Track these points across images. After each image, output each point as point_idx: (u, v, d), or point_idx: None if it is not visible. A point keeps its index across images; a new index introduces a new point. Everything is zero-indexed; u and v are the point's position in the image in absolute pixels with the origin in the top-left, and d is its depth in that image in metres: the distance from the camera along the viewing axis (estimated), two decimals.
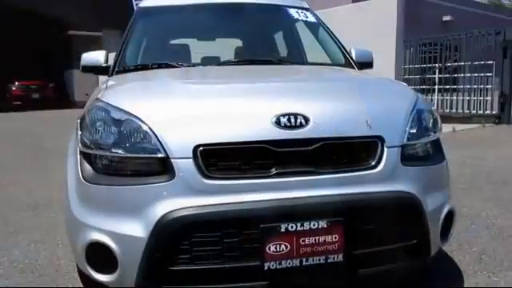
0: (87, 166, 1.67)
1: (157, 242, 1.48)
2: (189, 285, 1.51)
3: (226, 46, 2.93)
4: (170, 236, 1.48)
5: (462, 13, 21.48)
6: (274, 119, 1.56)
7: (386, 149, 1.64)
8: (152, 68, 2.44)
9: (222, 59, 2.71)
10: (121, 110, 1.64)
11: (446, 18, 19.67)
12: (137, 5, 3.96)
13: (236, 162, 1.54)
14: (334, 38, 2.91)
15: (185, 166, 1.51)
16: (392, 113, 1.73)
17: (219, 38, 3.02)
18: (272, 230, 1.49)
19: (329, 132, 1.59)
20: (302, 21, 2.99)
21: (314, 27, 3.00)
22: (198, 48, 2.85)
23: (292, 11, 3.03)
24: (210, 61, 2.56)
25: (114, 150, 1.60)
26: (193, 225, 1.48)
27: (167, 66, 2.44)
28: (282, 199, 1.52)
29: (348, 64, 2.71)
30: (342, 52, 2.80)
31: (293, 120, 1.56)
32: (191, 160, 1.51)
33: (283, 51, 3.10)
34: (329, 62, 2.74)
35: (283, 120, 1.56)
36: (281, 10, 3.02)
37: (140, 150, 1.57)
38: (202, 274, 1.51)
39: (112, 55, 2.66)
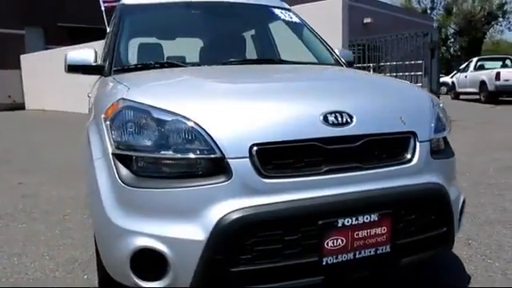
0: (125, 170, 1.58)
1: (217, 243, 1.45)
2: (248, 285, 1.50)
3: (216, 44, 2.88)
4: (231, 237, 1.45)
5: (380, 15, 22.97)
6: (322, 117, 1.59)
7: (418, 143, 1.74)
8: (155, 67, 2.34)
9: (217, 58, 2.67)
10: (164, 110, 1.57)
11: (367, 20, 20.73)
12: (105, 1, 3.77)
13: (289, 160, 1.55)
14: (319, 38, 3.00)
15: (242, 165, 1.49)
16: (419, 110, 1.84)
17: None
18: (330, 226, 1.52)
19: (371, 129, 1.65)
20: (290, 21, 3.04)
21: (300, 28, 3.06)
22: (187, 46, 2.79)
23: (278, 11, 3.07)
24: (210, 60, 2.51)
25: (162, 152, 1.53)
26: (254, 224, 1.47)
27: (170, 65, 2.37)
28: (336, 195, 1.55)
29: (337, 63, 2.81)
30: (330, 52, 2.89)
31: (339, 118, 1.61)
32: (248, 159, 1.49)
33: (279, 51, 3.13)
34: (319, 61, 2.81)
35: (330, 118, 1.60)
36: (268, 10, 3.05)
37: (192, 150, 1.51)
38: (261, 273, 1.50)
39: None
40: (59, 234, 2.99)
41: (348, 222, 1.54)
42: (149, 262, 1.51)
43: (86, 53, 2.50)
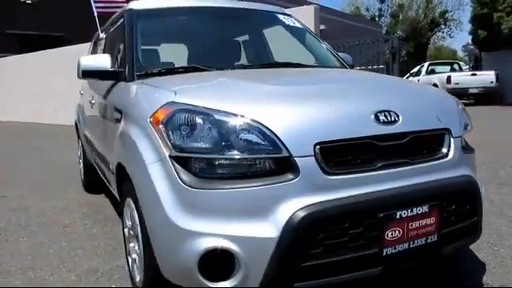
0: (188, 172, 1.59)
1: (289, 239, 1.49)
2: (317, 279, 1.55)
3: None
4: (302, 233, 1.50)
5: (334, 22, 23.76)
6: (373, 116, 1.69)
7: (452, 139, 1.88)
8: (179, 71, 2.35)
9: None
10: (225, 112, 1.60)
11: (322, 27, 21.29)
12: (98, 7, 3.70)
13: (348, 158, 1.63)
14: (322, 42, 3.12)
15: (307, 163, 1.55)
16: (449, 109, 1.98)
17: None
18: (389, 218, 1.61)
19: (415, 126, 1.76)
20: (294, 27, 3.14)
21: (303, 32, 3.17)
22: (201, 50, 2.80)
23: (282, 17, 3.16)
24: (231, 64, 2.54)
25: (229, 153, 1.56)
26: (323, 220, 1.53)
27: (194, 69, 2.38)
28: (392, 189, 1.65)
29: (343, 66, 2.93)
30: (334, 55, 3.01)
31: (388, 116, 1.71)
32: (313, 157, 1.55)
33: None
34: (328, 64, 2.92)
35: (381, 117, 1.69)
36: (274, 16, 3.13)
37: (259, 150, 1.55)
38: (328, 266, 1.56)
39: None
40: (67, 245, 2.89)
41: (404, 213, 1.64)
42: (218, 263, 1.53)
43: (102, 58, 2.48)
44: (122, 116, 2.16)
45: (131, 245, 2.09)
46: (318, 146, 1.56)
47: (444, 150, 1.85)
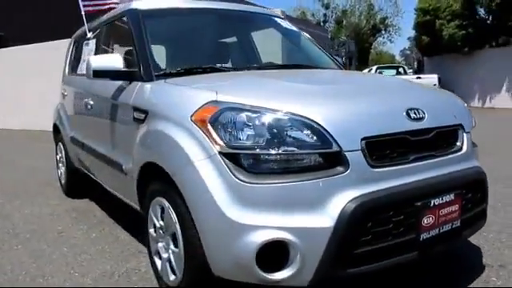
0: (241, 168, 1.64)
1: (343, 228, 1.59)
2: (367, 265, 1.66)
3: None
4: (355, 222, 1.60)
5: None
6: (405, 113, 1.83)
7: (465, 134, 2.07)
8: (198, 71, 2.38)
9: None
10: (275, 109, 1.67)
11: None
12: (85, 6, 3.61)
13: (387, 151, 1.76)
14: (316, 45, 3.27)
15: (356, 157, 1.66)
16: (460, 107, 2.18)
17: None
18: (425, 206, 1.76)
19: (438, 122, 1.93)
20: (290, 29, 3.25)
21: (299, 35, 3.29)
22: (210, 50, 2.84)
23: (279, 21, 3.27)
24: (246, 64, 2.60)
25: (281, 149, 1.63)
26: (372, 209, 1.64)
27: (212, 69, 2.42)
28: (424, 179, 1.80)
29: (339, 67, 3.09)
30: (329, 57, 3.17)
31: (417, 113, 1.86)
32: (360, 152, 1.67)
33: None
34: (326, 65, 3.05)
35: (411, 114, 1.84)
36: (272, 19, 3.23)
37: (311, 146, 1.64)
38: (375, 253, 1.67)
39: None
40: (69, 250, 2.80)
41: (437, 201, 1.79)
42: (276, 255, 1.60)
43: (114, 58, 2.45)
44: (146, 116, 2.15)
45: (160, 245, 2.10)
46: (363, 141, 1.68)
47: (459, 144, 2.04)
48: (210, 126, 1.72)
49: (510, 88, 14.98)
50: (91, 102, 3.04)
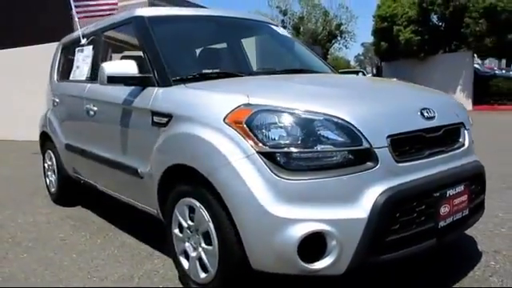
0: (279, 165, 1.75)
1: (376, 219, 1.73)
2: (396, 252, 1.82)
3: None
4: (386, 212, 1.75)
5: None
6: (419, 113, 2.01)
7: (466, 131, 2.28)
8: (212, 77, 2.47)
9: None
10: (308, 111, 1.80)
11: None
12: (79, 12, 3.60)
13: (406, 147, 1.92)
14: (311, 50, 3.43)
15: (383, 153, 1.81)
16: (459, 106, 2.39)
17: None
18: (442, 196, 1.94)
19: (446, 120, 2.13)
20: (288, 36, 3.40)
21: (293, 42, 3.45)
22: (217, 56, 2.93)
23: (276, 28, 3.41)
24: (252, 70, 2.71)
25: (317, 147, 1.75)
26: (400, 200, 1.79)
27: (226, 74, 2.52)
28: (439, 172, 1.98)
29: (333, 71, 3.27)
30: (324, 63, 3.34)
31: (429, 113, 2.04)
32: (386, 148, 1.82)
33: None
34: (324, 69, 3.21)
35: (425, 113, 2.02)
36: (269, 26, 3.37)
37: (344, 143, 1.77)
38: (401, 240, 1.83)
39: None
40: (79, 256, 2.79)
41: (451, 192, 1.98)
42: (316, 245, 1.72)
43: (128, 64, 2.49)
44: (170, 120, 2.21)
45: (187, 244, 2.17)
46: (389, 138, 1.84)
47: (461, 140, 2.24)
48: (246, 128, 1.82)
49: (464, 89, 15.90)
50: (94, 108, 3.04)
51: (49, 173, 4.16)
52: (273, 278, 1.89)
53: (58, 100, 3.83)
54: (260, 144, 1.78)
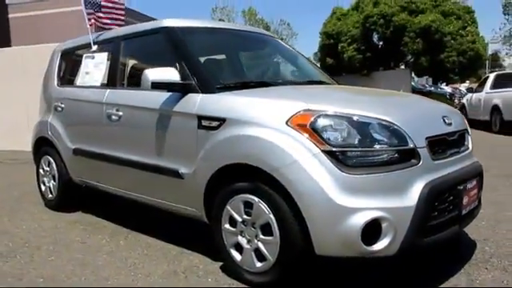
0: (341, 162, 2.04)
1: (422, 207, 2.06)
2: (434, 235, 2.16)
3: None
4: (429, 201, 2.09)
5: None
6: (441, 119, 2.40)
7: (469, 136, 2.71)
8: (251, 85, 2.71)
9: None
10: (362, 115, 2.12)
11: None
12: (90, 19, 3.68)
13: (436, 148, 2.29)
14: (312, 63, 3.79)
15: (424, 152, 2.16)
16: (461, 115, 2.82)
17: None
18: (464, 189, 2.33)
19: (458, 127, 2.53)
20: (294, 51, 3.73)
21: (298, 55, 3.77)
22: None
23: (279, 41, 3.73)
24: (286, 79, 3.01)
25: (373, 146, 2.07)
26: (438, 191, 2.14)
27: (262, 84, 2.77)
28: (460, 169, 2.37)
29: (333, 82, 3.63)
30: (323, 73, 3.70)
31: (448, 119, 2.44)
32: (425, 148, 2.17)
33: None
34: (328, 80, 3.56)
35: (446, 120, 2.41)
36: (277, 41, 3.67)
37: (394, 143, 2.10)
38: (438, 225, 2.18)
39: None
40: (110, 257, 2.85)
41: (468, 185, 2.38)
42: (375, 230, 2.02)
43: (170, 72, 2.67)
44: (222, 123, 2.41)
45: (239, 237, 2.37)
46: (426, 140, 2.19)
47: (467, 143, 2.67)
48: (311, 130, 2.09)
49: None
50: (119, 113, 3.13)
51: (45, 179, 4.11)
52: None
53: (62, 105, 3.83)
54: (324, 144, 2.06)
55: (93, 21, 3.67)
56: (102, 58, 3.54)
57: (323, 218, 2.05)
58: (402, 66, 18.64)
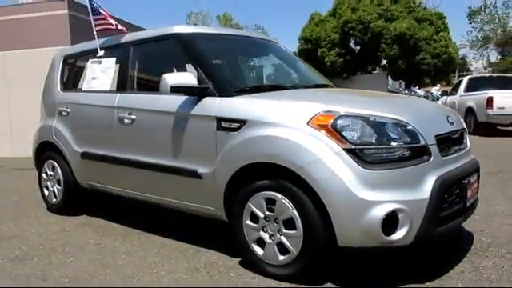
0: (361, 159, 2.20)
1: (435, 199, 2.24)
2: (445, 225, 2.35)
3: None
4: (441, 193, 2.27)
5: None
6: (445, 119, 2.60)
7: (467, 135, 2.93)
8: (265, 89, 2.85)
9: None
10: (380, 116, 2.29)
11: None
12: (97, 25, 3.74)
13: (442, 145, 2.48)
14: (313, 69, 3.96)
15: (433, 149, 2.34)
16: (459, 116, 3.04)
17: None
18: (468, 182, 2.53)
19: (458, 126, 2.74)
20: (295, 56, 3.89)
21: (297, 59, 3.95)
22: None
23: (282, 46, 3.89)
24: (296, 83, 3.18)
25: (390, 144, 2.24)
26: (447, 184, 2.33)
27: (276, 87, 2.92)
28: (463, 164, 2.57)
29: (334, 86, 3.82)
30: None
31: (450, 119, 2.64)
32: (435, 145, 2.36)
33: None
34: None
35: (449, 119, 2.62)
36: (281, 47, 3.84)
37: (408, 141, 2.28)
38: (447, 216, 2.37)
39: None
40: (128, 257, 2.92)
41: (471, 180, 2.58)
42: (394, 221, 2.19)
43: (188, 76, 2.79)
44: (243, 125, 2.54)
45: (261, 233, 2.50)
46: (435, 138, 2.38)
47: (465, 141, 2.88)
48: (332, 129, 2.25)
49: None
50: (132, 117, 3.21)
51: (48, 183, 4.12)
52: None
53: (68, 110, 3.87)
54: (345, 142, 2.22)
55: (99, 28, 3.72)
56: (110, 63, 3.61)
57: (346, 212, 2.21)
58: (378, 70, 19.17)
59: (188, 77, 2.78)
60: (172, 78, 2.76)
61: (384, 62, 16.79)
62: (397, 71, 17.36)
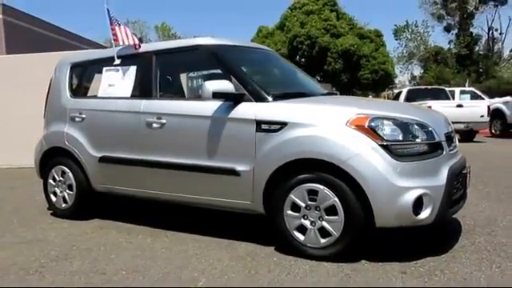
0: (393, 153, 2.66)
1: (449, 185, 2.75)
2: (453, 207, 2.87)
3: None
4: (453, 180, 2.79)
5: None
6: (445, 121, 3.15)
7: (455, 136, 3.51)
8: (293, 95, 3.24)
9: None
10: (405, 117, 2.76)
11: None
12: (114, 34, 3.91)
13: (448, 142, 3.01)
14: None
15: (444, 145, 2.87)
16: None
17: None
18: (466, 173, 3.08)
19: (451, 128, 3.30)
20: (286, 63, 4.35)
21: (296, 69, 4.38)
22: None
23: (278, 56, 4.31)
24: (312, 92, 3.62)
25: (415, 140, 2.72)
26: (456, 174, 2.86)
27: (303, 94, 3.32)
28: (460, 158, 3.12)
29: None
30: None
31: (448, 122, 3.19)
32: (445, 142, 2.88)
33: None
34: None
35: (447, 122, 3.17)
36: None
37: (427, 138, 2.77)
38: (455, 200, 2.90)
39: None
40: (167, 251, 3.10)
41: (467, 171, 3.14)
42: (421, 203, 2.65)
43: (226, 83, 3.11)
44: (283, 127, 2.90)
45: (302, 220, 2.86)
46: (445, 136, 2.90)
47: (455, 141, 3.45)
48: (369, 128, 2.69)
49: None
50: (162, 121, 3.43)
51: (56, 189, 4.16)
52: None
53: (83, 115, 3.97)
54: (380, 139, 2.67)
55: (116, 37, 3.88)
56: (131, 71, 3.79)
57: (384, 197, 2.64)
58: (322, 83, 20.28)
59: (226, 84, 3.09)
60: (213, 85, 3.05)
61: (330, 75, 17.89)
62: (342, 83, 18.52)
